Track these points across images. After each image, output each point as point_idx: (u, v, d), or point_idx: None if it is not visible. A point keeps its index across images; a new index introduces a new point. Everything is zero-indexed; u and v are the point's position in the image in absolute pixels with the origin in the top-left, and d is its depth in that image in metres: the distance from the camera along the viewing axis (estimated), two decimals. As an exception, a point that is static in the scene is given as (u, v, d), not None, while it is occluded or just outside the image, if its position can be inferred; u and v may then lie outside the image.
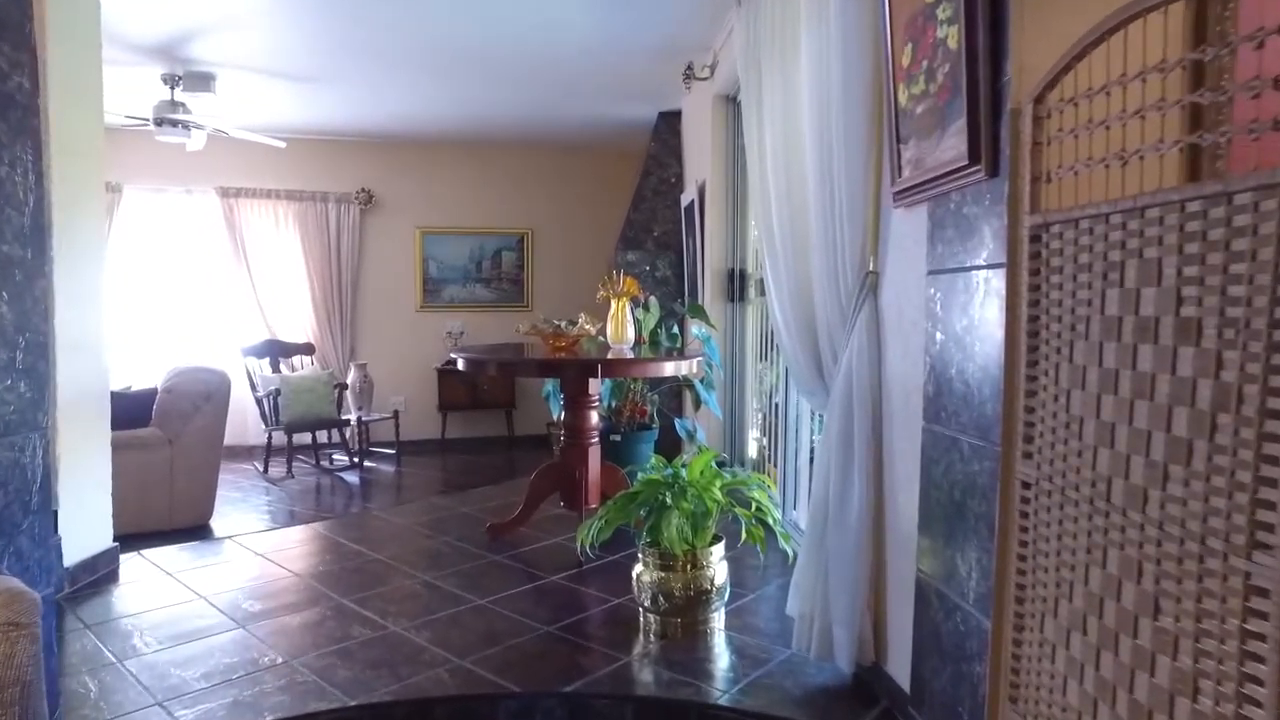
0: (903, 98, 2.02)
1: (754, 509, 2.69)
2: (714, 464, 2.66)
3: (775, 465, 4.63)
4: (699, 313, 4.47)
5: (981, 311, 1.70)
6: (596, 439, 3.59)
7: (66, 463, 3.02)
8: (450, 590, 3.09)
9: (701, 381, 4.33)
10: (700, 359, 3.49)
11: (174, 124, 5.60)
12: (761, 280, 4.93)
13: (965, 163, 1.70)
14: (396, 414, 7.22)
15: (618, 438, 4.37)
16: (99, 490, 3.28)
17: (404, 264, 7.79)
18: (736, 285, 5.12)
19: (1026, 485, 1.56)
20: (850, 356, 2.32)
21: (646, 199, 6.42)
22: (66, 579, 3.01)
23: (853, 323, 2.32)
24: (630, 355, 3.53)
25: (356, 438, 7.02)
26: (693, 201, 5.59)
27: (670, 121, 6.48)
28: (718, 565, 2.67)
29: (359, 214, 7.57)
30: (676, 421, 4.48)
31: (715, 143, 5.17)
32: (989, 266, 1.67)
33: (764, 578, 3.22)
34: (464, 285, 7.94)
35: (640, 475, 2.77)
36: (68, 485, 3.03)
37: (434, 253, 7.85)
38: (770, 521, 2.64)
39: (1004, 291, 1.61)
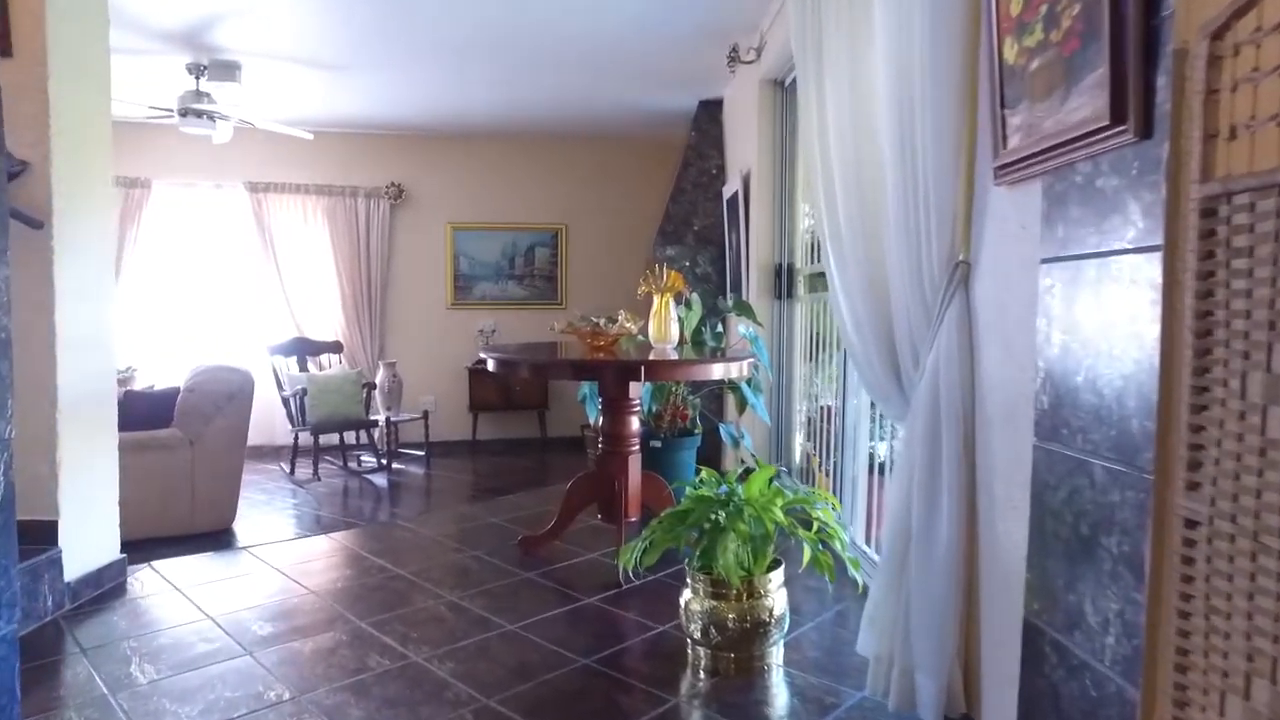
0: (1010, 53, 1.70)
1: (815, 529, 2.39)
2: (773, 480, 2.35)
3: (825, 473, 4.32)
4: (746, 310, 4.16)
5: (1123, 306, 1.38)
6: (637, 446, 3.30)
7: (68, 469, 2.80)
8: (478, 613, 2.82)
9: (748, 384, 4.03)
10: (751, 360, 3.19)
11: (199, 115, 5.42)
12: (812, 277, 4.62)
13: (1105, 123, 1.38)
14: (426, 414, 7.00)
15: (658, 444, 4.08)
16: (105, 497, 3.06)
17: (435, 260, 7.58)
18: (784, 281, 4.81)
19: (1192, 524, 1.24)
20: (936, 360, 2.01)
21: (686, 191, 6.13)
22: (67, 595, 2.79)
23: (939, 321, 2.01)
24: (674, 356, 3.24)
25: (385, 439, 6.81)
26: (736, 193, 5.28)
27: (711, 110, 6.18)
28: (777, 593, 2.36)
29: (389, 209, 7.36)
30: (721, 427, 4.18)
31: (761, 130, 4.86)
32: (1136, 250, 1.35)
33: (823, 602, 2.91)
34: (496, 282, 7.71)
35: (690, 490, 2.48)
36: (69, 493, 2.82)
37: (465, 249, 7.62)
38: (838, 547, 2.33)
39: (1160, 281, 1.29)
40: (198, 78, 5.36)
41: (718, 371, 3.05)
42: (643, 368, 2.80)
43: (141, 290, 7.01)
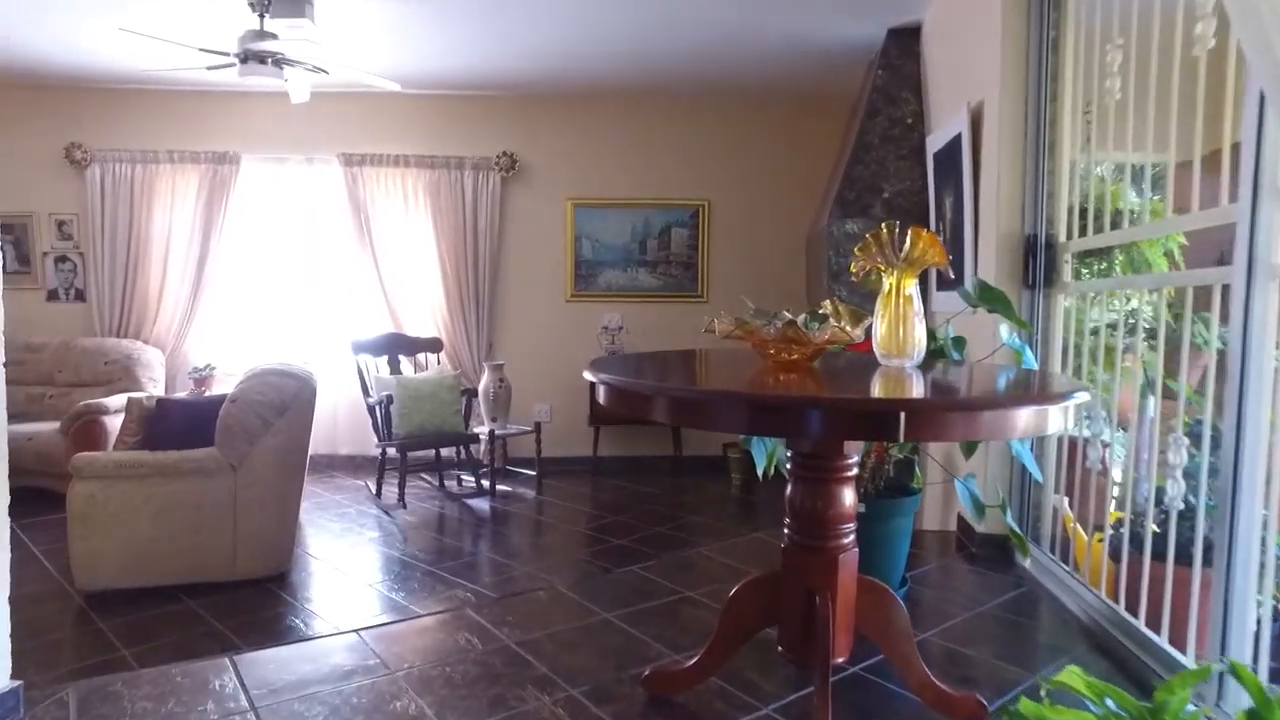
0: None
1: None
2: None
3: (1100, 542, 2.77)
4: (1001, 304, 2.64)
5: None
6: (852, 537, 1.88)
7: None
8: None
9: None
10: (1079, 401, 1.68)
11: (262, 60, 4.39)
12: (1087, 254, 3.05)
13: None
14: (538, 427, 5.82)
15: (862, 509, 2.63)
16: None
17: (552, 243, 6.38)
18: (1038, 263, 3.24)
19: None
20: None
21: (873, 148, 4.61)
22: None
23: None
24: (919, 385, 1.79)
25: (489, 456, 5.66)
26: (956, 139, 3.74)
27: (904, 41, 4.65)
28: None
29: (500, 183, 6.21)
30: (959, 483, 2.68)
31: (1007, 38, 3.30)
32: None
33: None
34: (624, 269, 6.42)
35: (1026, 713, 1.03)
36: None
37: (589, 229, 6.37)
38: None
39: None
40: (261, 15, 4.34)
41: (1026, 421, 1.56)
42: (903, 415, 1.34)
43: (229, 278, 6.17)
